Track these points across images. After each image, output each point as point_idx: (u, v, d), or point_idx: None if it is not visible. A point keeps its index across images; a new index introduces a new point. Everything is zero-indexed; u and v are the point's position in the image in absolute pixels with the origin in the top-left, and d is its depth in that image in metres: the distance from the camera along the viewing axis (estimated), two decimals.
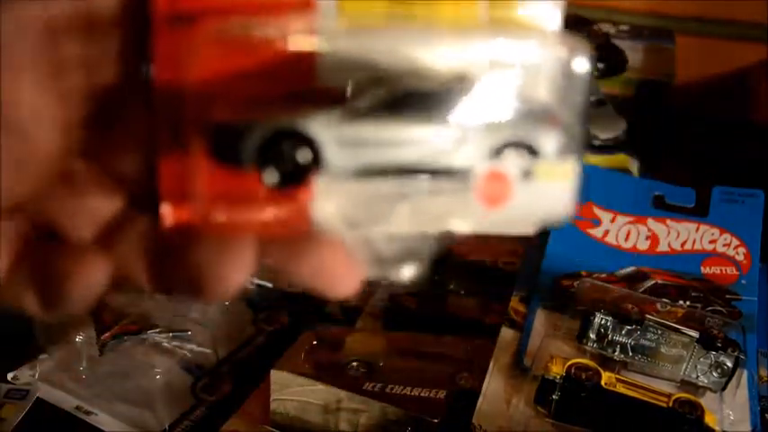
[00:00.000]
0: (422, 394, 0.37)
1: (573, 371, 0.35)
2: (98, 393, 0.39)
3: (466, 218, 0.15)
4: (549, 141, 0.15)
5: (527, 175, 0.15)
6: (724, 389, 0.38)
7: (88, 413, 0.38)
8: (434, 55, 0.14)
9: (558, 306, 0.40)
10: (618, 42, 0.51)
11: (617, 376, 0.36)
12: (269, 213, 0.14)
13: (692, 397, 0.35)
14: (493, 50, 0.15)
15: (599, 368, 0.35)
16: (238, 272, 0.15)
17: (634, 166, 0.47)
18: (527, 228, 0.15)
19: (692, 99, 0.54)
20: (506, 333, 0.40)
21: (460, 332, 0.42)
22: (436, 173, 0.14)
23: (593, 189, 0.44)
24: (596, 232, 0.43)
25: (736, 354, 0.38)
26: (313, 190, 0.14)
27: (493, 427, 0.35)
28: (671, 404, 0.35)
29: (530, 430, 0.35)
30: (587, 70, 0.15)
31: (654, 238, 0.43)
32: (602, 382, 0.35)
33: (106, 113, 0.15)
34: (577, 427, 0.35)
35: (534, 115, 0.15)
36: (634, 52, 0.51)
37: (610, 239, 0.43)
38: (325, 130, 0.14)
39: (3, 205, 0.15)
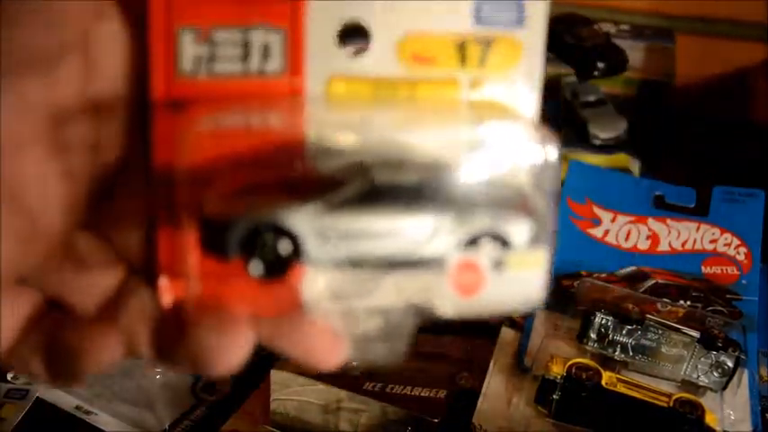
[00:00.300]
0: (422, 394, 0.37)
1: (573, 371, 0.35)
2: (98, 393, 0.39)
3: (443, 302, 0.15)
4: (520, 232, 0.15)
5: (499, 265, 0.15)
6: (725, 389, 0.38)
7: (88, 413, 0.38)
8: (412, 142, 0.15)
9: (558, 306, 0.40)
10: (618, 42, 0.51)
11: (617, 376, 0.36)
12: (260, 294, 0.15)
13: (692, 397, 0.35)
14: (469, 137, 0.15)
15: (599, 368, 0.35)
16: (237, 350, 0.15)
17: (635, 165, 0.47)
18: (501, 313, 0.16)
19: (692, 99, 0.54)
20: (506, 333, 0.40)
21: (460, 332, 0.42)
22: (412, 263, 0.15)
23: (593, 189, 0.44)
24: (596, 232, 0.43)
25: (736, 354, 0.38)
26: (302, 270, 0.15)
27: (493, 426, 0.36)
28: (671, 404, 0.35)
29: (530, 430, 0.35)
30: (557, 160, 0.15)
31: (654, 238, 0.43)
32: (603, 382, 0.35)
33: (109, 189, 0.15)
34: (578, 427, 0.35)
35: (506, 206, 0.15)
36: (635, 52, 0.51)
37: (610, 239, 0.43)
38: (304, 222, 0.14)
39: (7, 278, 0.15)
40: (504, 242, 0.15)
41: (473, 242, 0.15)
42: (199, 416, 0.39)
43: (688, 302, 0.41)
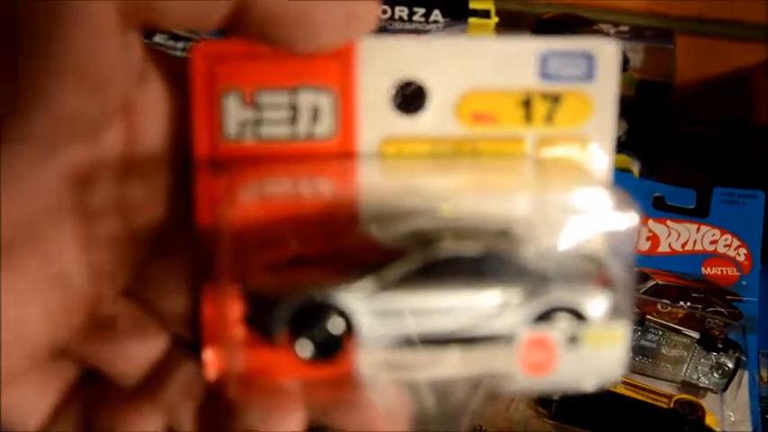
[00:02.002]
0: None
1: None
2: None
3: (511, 380, 0.14)
4: (596, 305, 0.14)
5: (574, 341, 0.14)
6: (725, 390, 0.38)
7: None
8: (476, 208, 0.14)
9: None
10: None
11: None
12: (312, 371, 0.14)
13: (692, 398, 0.36)
14: (538, 202, 0.14)
15: None
16: (288, 430, 0.14)
17: (635, 166, 0.47)
18: (573, 391, 0.15)
19: (692, 99, 0.54)
20: None
21: None
22: (476, 341, 0.14)
23: None
24: None
25: (736, 355, 0.38)
26: (357, 344, 0.14)
27: (493, 427, 0.36)
28: (672, 405, 0.35)
29: (530, 430, 0.35)
30: (636, 225, 0.14)
31: (654, 239, 0.43)
32: None
33: (152, 254, 0.15)
34: (578, 428, 0.35)
35: (581, 277, 0.14)
36: (635, 53, 0.51)
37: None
38: (357, 301, 0.14)
39: (39, 353, 0.14)
40: (579, 316, 0.14)
41: (545, 317, 0.14)
42: None
43: (688, 303, 0.41)
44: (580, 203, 0.14)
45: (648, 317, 0.38)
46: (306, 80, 0.14)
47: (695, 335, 0.38)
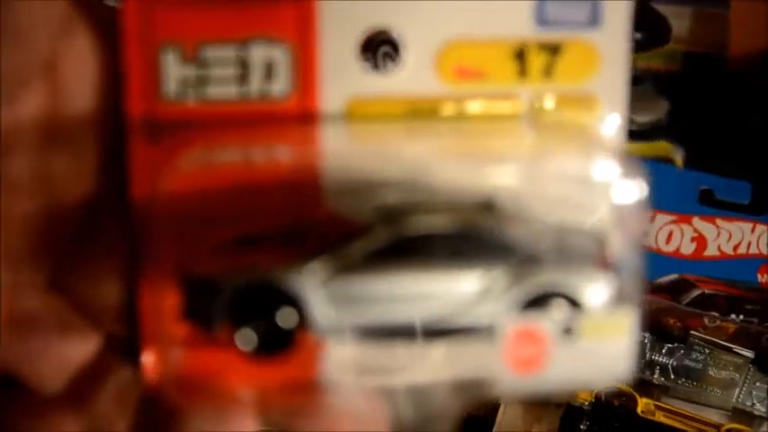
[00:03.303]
0: None
1: (603, 396, 0.33)
2: None
3: (497, 380, 0.13)
4: (596, 291, 0.13)
5: (569, 332, 0.13)
6: None
7: None
8: (454, 179, 0.13)
9: None
10: (659, 7, 0.47)
11: (656, 402, 0.34)
12: (265, 371, 0.13)
13: (746, 428, 0.34)
14: (530, 170, 0.13)
15: (634, 393, 0.34)
16: None
17: (678, 155, 0.45)
18: (572, 390, 0.13)
19: (749, 75, 0.50)
20: None
21: None
22: (453, 332, 0.13)
23: None
24: None
25: None
26: (318, 340, 0.13)
27: None
28: None
29: None
30: (645, 196, 0.13)
31: (701, 240, 0.41)
32: (639, 410, 0.33)
33: (80, 236, 0.14)
34: None
35: (579, 257, 0.13)
36: (679, 19, 0.47)
37: (648, 242, 0.42)
38: (310, 285, 0.13)
39: None
40: (575, 303, 0.13)
41: (535, 304, 0.13)
42: None
43: (741, 316, 0.39)
44: (581, 172, 0.13)
45: (693, 332, 0.36)
46: (258, 31, 0.13)
47: (749, 354, 0.35)
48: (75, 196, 0.14)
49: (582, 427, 0.34)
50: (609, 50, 0.13)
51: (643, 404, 0.34)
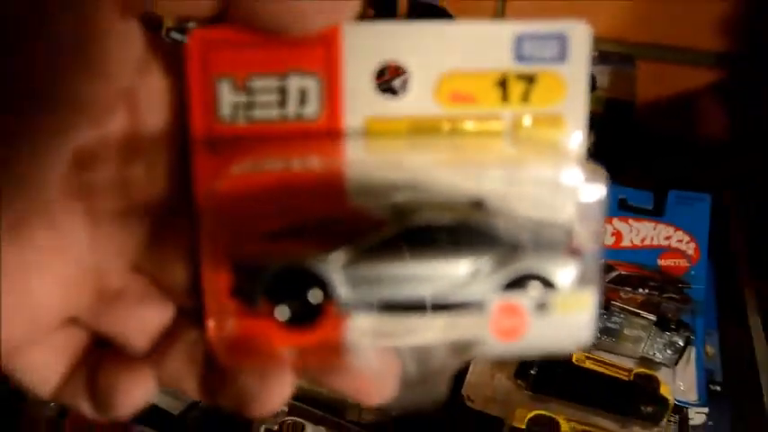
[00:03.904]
0: None
1: None
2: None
3: (485, 346, 0.13)
4: (565, 273, 0.13)
5: (543, 307, 0.13)
6: (676, 364, 0.37)
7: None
8: (450, 182, 0.13)
9: None
10: None
11: (586, 354, 0.35)
12: (301, 337, 0.13)
13: (649, 371, 0.35)
14: (511, 175, 0.13)
15: None
16: (279, 395, 0.13)
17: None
18: (546, 354, 0.13)
19: (650, 116, 0.54)
20: None
21: None
22: (451, 307, 0.13)
23: None
24: None
25: (687, 334, 0.38)
26: (344, 312, 0.13)
27: (479, 397, 0.35)
28: (632, 378, 0.35)
29: (511, 399, 0.34)
30: (604, 197, 0.13)
31: (618, 235, 0.42)
32: (574, 359, 0.34)
33: (156, 229, 0.14)
34: (552, 398, 0.34)
35: (550, 246, 0.13)
36: (602, 75, 0.50)
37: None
38: (334, 268, 0.12)
39: (54, 321, 0.13)
40: (548, 283, 0.13)
41: (515, 284, 0.13)
42: None
43: (646, 290, 0.40)
44: (553, 178, 0.13)
45: (613, 302, 0.38)
46: (294, 65, 0.13)
47: (652, 317, 0.37)
48: (150, 197, 0.13)
49: (532, 372, 0.34)
50: (573, 80, 0.13)
51: (576, 355, 0.34)
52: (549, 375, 0.34)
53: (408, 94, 0.13)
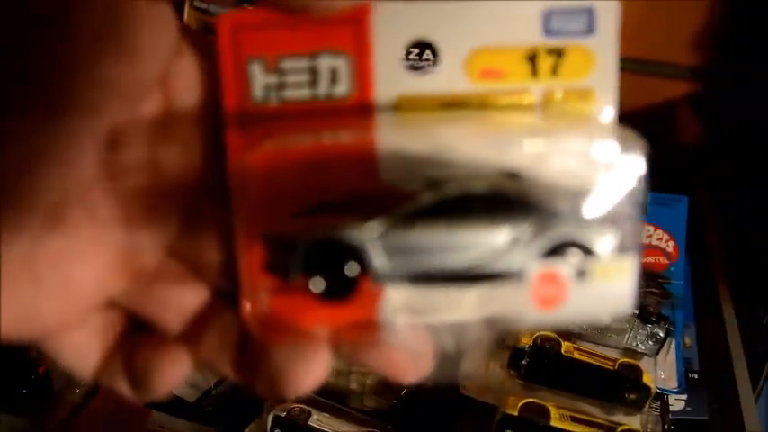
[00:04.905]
0: None
1: (539, 341, 0.34)
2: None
3: (523, 316, 0.12)
4: (605, 241, 0.12)
5: (583, 275, 0.12)
6: (657, 354, 0.37)
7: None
8: (484, 153, 0.12)
9: None
10: None
11: (574, 345, 0.35)
12: (336, 314, 0.12)
13: (632, 361, 0.35)
14: (546, 146, 0.12)
15: (560, 339, 0.34)
16: (314, 374, 0.12)
17: None
18: (586, 322, 0.12)
19: (632, 124, 0.54)
20: None
21: None
22: (489, 277, 0.12)
23: None
24: None
25: (667, 326, 0.37)
26: (379, 288, 0.12)
27: (474, 386, 0.34)
28: (616, 367, 0.34)
29: (503, 388, 0.34)
30: (644, 167, 0.12)
31: None
32: (563, 350, 0.34)
33: (190, 210, 0.13)
34: (542, 386, 0.34)
35: (589, 213, 0.12)
36: None
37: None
38: (369, 239, 0.11)
39: (96, 303, 0.13)
40: (587, 251, 0.12)
41: (555, 252, 0.12)
42: None
43: None
44: (587, 148, 0.12)
45: None
46: (324, 45, 0.12)
47: (635, 311, 0.37)
48: (185, 178, 0.13)
49: (523, 362, 0.33)
50: (602, 53, 0.12)
51: (565, 346, 0.34)
52: (539, 365, 0.34)
53: (439, 71, 0.12)
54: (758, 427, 0.35)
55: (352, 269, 0.12)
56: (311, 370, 0.12)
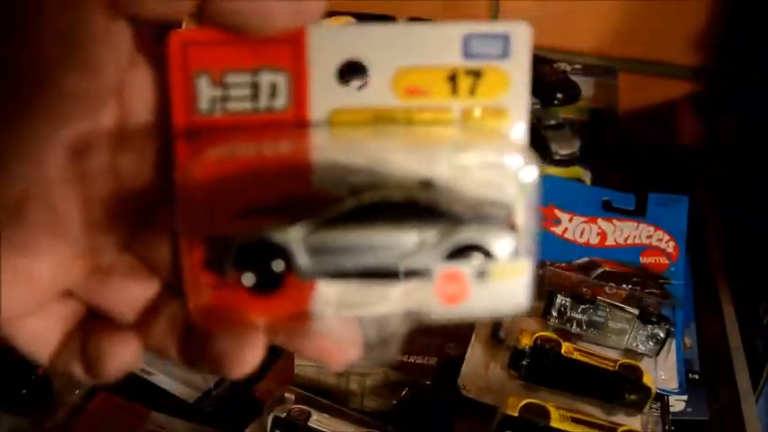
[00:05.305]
0: (417, 361, 0.36)
1: (539, 342, 0.34)
2: (157, 358, 0.38)
3: (432, 310, 0.13)
4: (503, 244, 0.13)
5: (483, 275, 0.13)
6: (658, 354, 0.37)
7: (149, 374, 0.37)
8: (401, 164, 0.13)
9: None
10: (573, 77, 0.50)
11: (574, 346, 0.35)
12: (272, 305, 0.13)
13: (632, 362, 0.35)
14: (458, 159, 0.13)
15: (560, 339, 0.34)
16: (251, 356, 0.14)
17: (587, 176, 0.46)
18: (487, 317, 0.13)
19: (631, 124, 0.53)
20: None
21: None
22: (399, 274, 0.13)
23: (554, 195, 0.42)
24: (557, 230, 0.42)
25: (667, 327, 0.37)
26: (311, 282, 0.13)
27: (474, 387, 0.34)
28: (616, 368, 0.34)
29: (504, 389, 0.34)
30: (536, 179, 0.13)
31: (603, 234, 0.42)
32: (563, 351, 0.34)
33: (144, 212, 0.14)
34: (542, 387, 0.34)
35: (489, 220, 0.13)
36: (586, 86, 0.49)
37: (568, 235, 0.42)
38: (293, 239, 0.13)
39: (54, 292, 0.14)
40: (487, 254, 0.13)
41: (458, 254, 0.13)
42: None
43: (629, 286, 0.40)
44: (496, 161, 0.13)
45: (599, 297, 0.37)
46: (265, 62, 0.13)
47: (635, 311, 0.37)
48: (139, 183, 0.13)
49: (524, 363, 0.33)
50: (515, 75, 0.13)
51: (565, 347, 0.34)
52: (539, 366, 0.34)
53: (369, 88, 0.13)
54: (759, 428, 0.35)
55: (278, 266, 0.13)
56: (248, 352, 0.14)
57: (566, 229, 0.42)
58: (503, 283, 0.13)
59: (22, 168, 0.12)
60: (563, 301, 0.36)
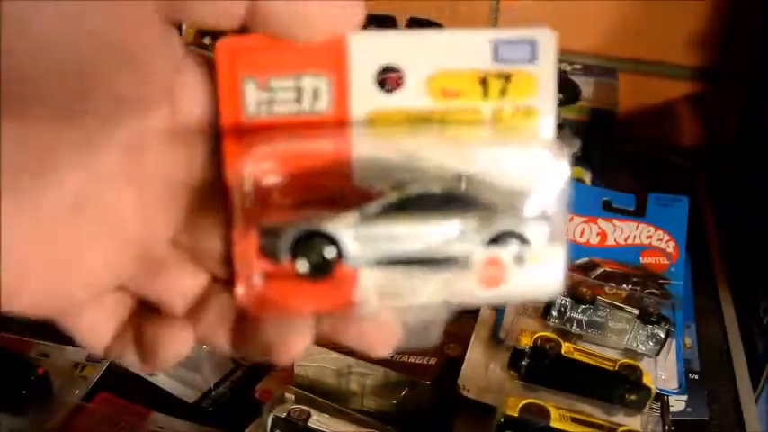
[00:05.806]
0: (417, 361, 0.35)
1: (539, 342, 0.34)
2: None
3: (471, 294, 0.14)
4: (538, 233, 0.14)
5: (520, 260, 0.14)
6: (658, 354, 0.37)
7: (151, 374, 0.37)
8: (439, 160, 0.14)
9: None
10: (573, 78, 0.50)
11: (574, 346, 0.34)
12: (318, 294, 0.14)
13: (632, 362, 0.34)
14: (492, 153, 0.14)
15: (560, 339, 0.34)
16: (299, 343, 0.14)
17: (587, 176, 0.46)
18: (523, 301, 0.14)
19: (631, 124, 0.53)
20: (485, 311, 0.38)
21: None
22: (441, 261, 0.14)
23: None
24: None
25: (667, 327, 0.37)
26: (355, 273, 0.14)
27: (474, 387, 0.34)
28: (616, 368, 0.34)
29: (504, 390, 0.33)
30: (569, 172, 0.14)
31: (603, 235, 0.42)
32: (563, 351, 0.34)
33: (194, 207, 0.14)
34: (542, 388, 0.33)
35: (523, 210, 0.14)
36: (586, 86, 0.50)
37: (568, 235, 0.42)
38: (344, 229, 0.13)
39: (108, 285, 0.14)
40: (524, 240, 0.14)
41: (496, 241, 0.14)
42: (237, 377, 0.37)
43: (629, 286, 0.40)
44: (526, 154, 0.14)
45: (599, 297, 0.37)
46: (308, 68, 0.14)
47: (635, 311, 0.36)
48: (189, 179, 0.14)
49: (524, 362, 0.33)
50: (543, 78, 0.14)
51: (565, 347, 0.33)
52: (539, 366, 0.33)
53: (405, 91, 0.14)
54: (759, 428, 0.35)
55: (330, 252, 0.13)
56: (296, 339, 0.14)
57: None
58: (538, 268, 0.14)
59: (81, 161, 0.13)
60: (563, 301, 0.36)
